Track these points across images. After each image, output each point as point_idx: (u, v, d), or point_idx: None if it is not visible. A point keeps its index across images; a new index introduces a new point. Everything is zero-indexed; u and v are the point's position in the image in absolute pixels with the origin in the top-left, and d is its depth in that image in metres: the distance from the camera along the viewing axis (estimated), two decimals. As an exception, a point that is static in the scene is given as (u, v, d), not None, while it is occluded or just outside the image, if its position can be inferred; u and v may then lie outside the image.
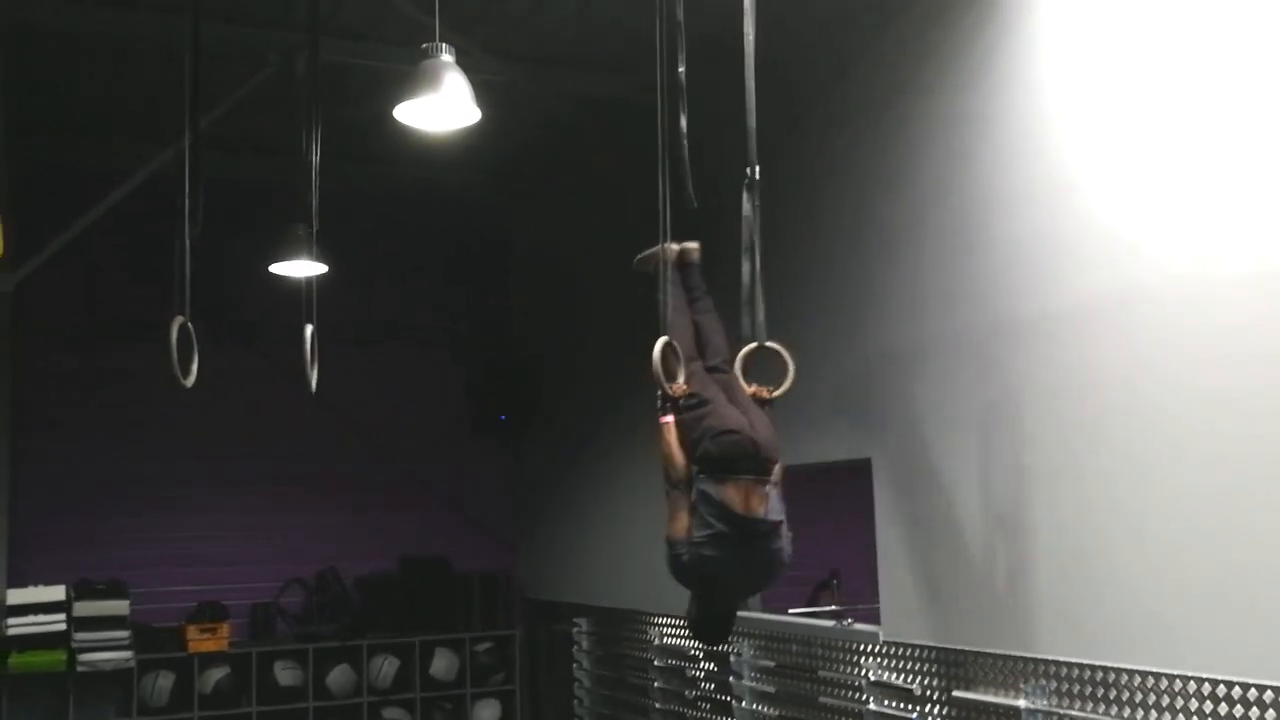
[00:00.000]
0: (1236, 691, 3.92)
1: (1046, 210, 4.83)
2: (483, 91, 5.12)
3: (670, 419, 4.44)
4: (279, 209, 6.69)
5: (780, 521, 4.37)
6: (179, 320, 4.41)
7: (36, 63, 7.60)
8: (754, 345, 4.61)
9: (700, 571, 4.28)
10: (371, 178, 9.63)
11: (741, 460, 4.31)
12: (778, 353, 4.62)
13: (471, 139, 6.74)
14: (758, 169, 4.58)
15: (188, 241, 4.54)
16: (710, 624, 4.69)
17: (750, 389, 4.65)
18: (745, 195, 4.59)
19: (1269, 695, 3.81)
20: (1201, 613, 4.09)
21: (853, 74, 6.12)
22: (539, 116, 8.53)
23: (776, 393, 4.63)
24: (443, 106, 4.85)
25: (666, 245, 4.72)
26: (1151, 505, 4.30)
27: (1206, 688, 4.02)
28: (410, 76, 4.78)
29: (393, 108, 4.94)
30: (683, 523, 4.26)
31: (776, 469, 4.50)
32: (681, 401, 4.47)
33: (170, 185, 4.71)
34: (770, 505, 4.35)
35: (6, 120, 7.86)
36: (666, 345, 4.35)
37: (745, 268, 4.60)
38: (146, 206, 7.22)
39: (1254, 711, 3.85)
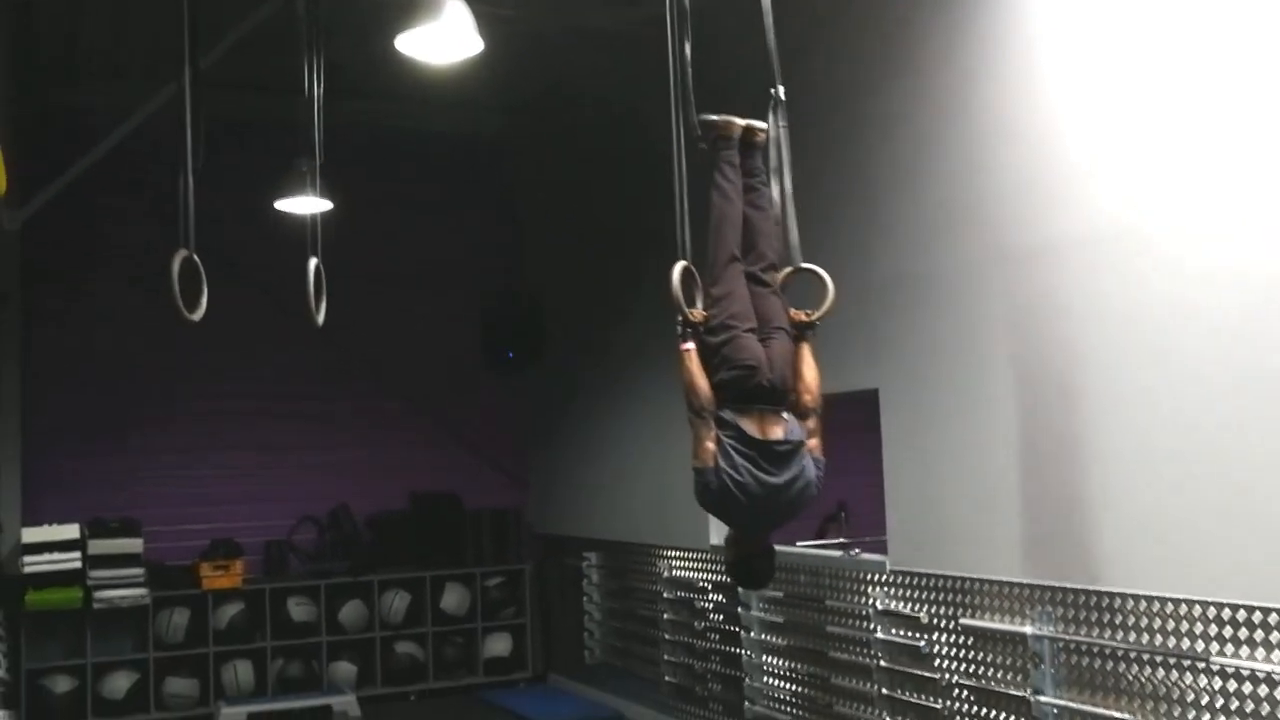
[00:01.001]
0: (1241, 614, 3.95)
1: (1050, 140, 4.80)
2: (487, 25, 5.08)
3: (691, 346, 4.24)
4: (287, 148, 6.65)
5: (802, 441, 4.23)
6: (182, 254, 4.38)
7: (39, 5, 7.53)
8: (790, 269, 4.47)
9: (730, 497, 4.13)
10: (377, 115, 9.57)
11: (755, 394, 4.19)
12: (815, 274, 4.44)
13: (477, 74, 6.69)
14: (782, 90, 4.49)
15: (190, 178, 4.51)
16: (750, 566, 4.47)
17: (791, 313, 4.47)
18: (771, 117, 4.50)
19: (1274, 618, 3.85)
20: (1204, 538, 4.11)
21: (855, 9, 6.06)
22: (544, 51, 8.45)
23: (815, 315, 4.43)
24: (444, 36, 4.80)
25: (729, 120, 4.45)
26: (1154, 434, 4.31)
27: (1212, 611, 4.06)
28: (411, 6, 4.73)
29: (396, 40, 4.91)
30: (709, 450, 4.11)
31: (811, 399, 4.35)
32: (703, 327, 4.28)
33: (176, 125, 4.67)
34: (789, 429, 4.22)
35: (10, 62, 7.81)
36: (685, 270, 4.24)
37: (775, 190, 4.49)
38: (153, 146, 7.19)
39: (1259, 634, 3.89)
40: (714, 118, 4.48)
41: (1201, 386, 4.13)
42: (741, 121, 4.53)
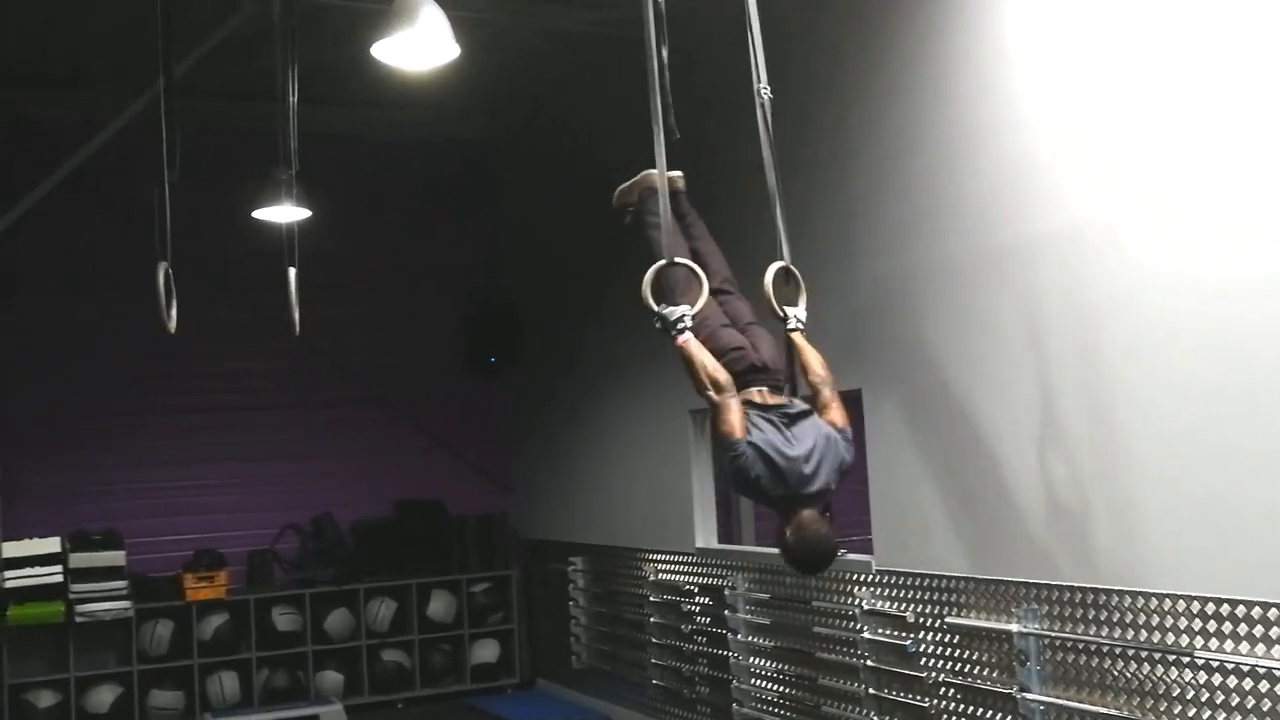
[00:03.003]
0: (1225, 609, 3.96)
1: (1033, 136, 4.80)
2: (466, 30, 5.06)
3: (689, 335, 4.27)
4: (263, 156, 6.62)
5: (810, 409, 4.32)
6: (164, 266, 4.39)
7: (7, 14, 7.47)
8: (779, 265, 4.58)
9: (769, 462, 4.08)
10: (356, 121, 9.51)
11: (750, 372, 4.35)
12: (791, 273, 4.61)
13: (457, 78, 6.66)
14: (766, 89, 4.60)
15: (167, 188, 4.51)
16: (804, 546, 4.24)
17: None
18: (759, 114, 4.61)
19: (1256, 611, 3.86)
20: (1188, 534, 4.12)
21: (830, 18, 6.06)
22: (522, 55, 8.43)
23: (797, 309, 4.59)
24: (420, 43, 4.79)
25: (646, 174, 4.66)
26: (1139, 430, 4.32)
27: (1196, 605, 4.07)
28: (386, 13, 4.71)
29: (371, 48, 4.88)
30: (738, 422, 4.10)
31: (819, 380, 4.48)
32: (679, 325, 4.35)
33: (147, 134, 4.67)
34: (791, 399, 4.39)
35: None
36: (659, 269, 4.33)
37: (771, 182, 4.66)
38: (126, 156, 7.15)
39: (1243, 628, 3.90)
40: (627, 184, 4.78)
41: (1183, 382, 4.14)
42: (656, 173, 4.53)
